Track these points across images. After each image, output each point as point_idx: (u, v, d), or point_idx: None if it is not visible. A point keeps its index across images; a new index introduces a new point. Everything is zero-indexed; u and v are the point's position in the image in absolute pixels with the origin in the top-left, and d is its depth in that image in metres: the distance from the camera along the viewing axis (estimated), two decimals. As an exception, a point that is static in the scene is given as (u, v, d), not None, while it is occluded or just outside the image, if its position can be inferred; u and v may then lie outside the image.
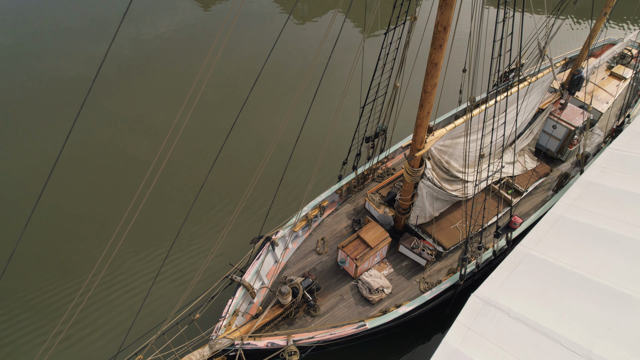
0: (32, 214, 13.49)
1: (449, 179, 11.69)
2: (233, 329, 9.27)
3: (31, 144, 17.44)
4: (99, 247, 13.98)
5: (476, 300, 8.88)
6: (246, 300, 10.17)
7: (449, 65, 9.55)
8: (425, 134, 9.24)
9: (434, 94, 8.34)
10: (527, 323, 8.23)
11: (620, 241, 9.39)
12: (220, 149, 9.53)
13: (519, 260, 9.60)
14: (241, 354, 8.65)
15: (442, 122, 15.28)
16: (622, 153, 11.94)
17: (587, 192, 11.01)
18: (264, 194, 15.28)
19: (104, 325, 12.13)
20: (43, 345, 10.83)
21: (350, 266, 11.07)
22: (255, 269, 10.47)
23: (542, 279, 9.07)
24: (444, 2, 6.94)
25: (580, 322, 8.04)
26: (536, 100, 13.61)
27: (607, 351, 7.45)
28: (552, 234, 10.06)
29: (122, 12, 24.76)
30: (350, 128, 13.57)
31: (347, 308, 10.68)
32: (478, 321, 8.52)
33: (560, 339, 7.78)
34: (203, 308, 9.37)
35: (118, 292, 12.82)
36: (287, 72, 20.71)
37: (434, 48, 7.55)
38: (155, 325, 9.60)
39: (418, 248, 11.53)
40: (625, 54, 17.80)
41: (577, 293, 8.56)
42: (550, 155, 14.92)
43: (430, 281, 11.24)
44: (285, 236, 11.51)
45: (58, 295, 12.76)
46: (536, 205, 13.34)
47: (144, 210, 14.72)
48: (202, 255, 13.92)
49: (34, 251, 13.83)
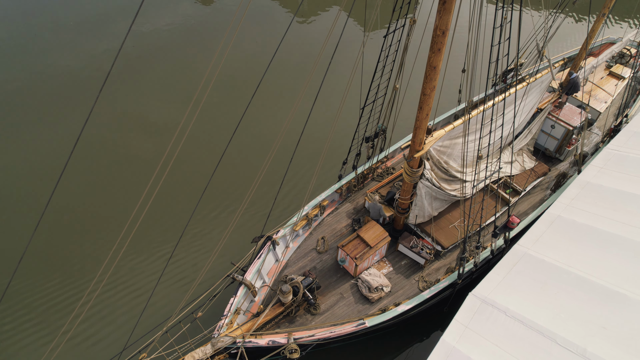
0: (42, 216, 13.65)
1: (447, 178, 11.82)
2: (235, 327, 9.43)
3: (31, 141, 17.55)
4: (103, 246, 14.14)
5: (474, 299, 9.04)
6: (247, 298, 10.33)
7: (448, 65, 9.62)
8: (424, 135, 9.36)
9: (432, 96, 8.46)
10: (523, 322, 8.39)
11: (616, 241, 9.54)
12: (225, 150, 9.65)
13: (516, 259, 9.75)
14: (243, 351, 8.81)
15: (442, 121, 15.39)
16: (620, 153, 12.06)
17: (584, 192, 11.15)
18: (267, 194, 15.40)
19: (109, 324, 12.30)
20: (51, 344, 11.00)
21: (350, 265, 11.23)
22: (256, 267, 10.63)
23: (538, 279, 9.22)
24: (442, 7, 7.05)
25: (575, 320, 8.20)
26: (535, 101, 13.71)
27: (601, 349, 7.61)
28: (549, 233, 10.20)
29: (122, 7, 24.81)
30: (351, 127, 13.68)
31: (347, 306, 10.84)
32: (475, 320, 8.67)
33: (556, 338, 7.94)
34: (205, 306, 9.54)
35: (123, 292, 12.98)
36: (287, 71, 20.78)
37: (432, 52, 7.65)
38: (158, 323, 9.75)
39: (417, 247, 11.68)
40: (624, 53, 17.87)
41: (572, 292, 8.71)
42: (549, 155, 15.04)
43: (429, 280, 11.40)
44: (286, 235, 11.66)
45: (63, 296, 12.93)
46: (534, 204, 13.48)
47: (148, 209, 14.93)
48: (203, 254, 14.08)
49: (38, 250, 13.99)
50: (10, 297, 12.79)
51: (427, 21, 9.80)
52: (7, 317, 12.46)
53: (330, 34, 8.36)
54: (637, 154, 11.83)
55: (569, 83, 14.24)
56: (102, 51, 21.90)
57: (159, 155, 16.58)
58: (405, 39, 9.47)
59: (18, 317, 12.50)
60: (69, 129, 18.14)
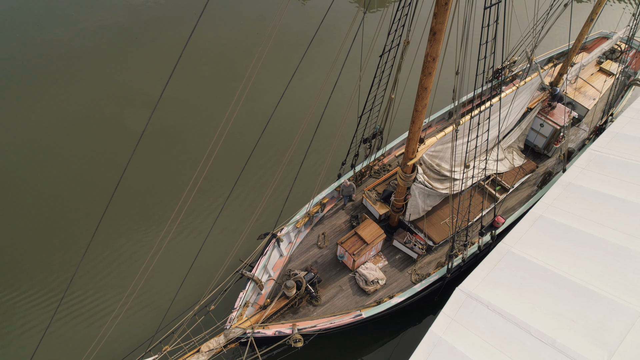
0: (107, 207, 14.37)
1: (439, 178, 12.64)
2: (244, 319, 10.45)
3: (20, 115, 18.25)
4: (138, 249, 14.90)
5: (460, 293, 10.03)
6: (255, 291, 11.33)
7: (443, 66, 9.97)
8: (417, 145, 10.13)
9: (424, 112, 9.18)
10: (503, 315, 9.39)
11: (590, 240, 10.45)
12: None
13: (499, 257, 10.69)
14: (252, 341, 9.85)
15: (437, 118, 16.11)
16: (601, 154, 12.86)
17: (565, 192, 12.01)
18: (273, 194, 15.99)
19: (140, 319, 13.30)
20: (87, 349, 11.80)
21: (349, 260, 12.18)
22: (262, 263, 11.58)
23: (519, 275, 10.18)
24: (433, 37, 7.70)
25: (549, 314, 9.21)
26: (525, 101, 14.39)
27: (569, 340, 8.64)
28: (531, 232, 11.11)
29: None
30: (351, 126, 14.27)
31: (346, 298, 11.86)
32: (461, 313, 9.68)
33: (530, 330, 8.96)
34: (217, 300, 10.53)
35: (151, 291, 13.89)
36: (290, 59, 21.10)
37: (424, 75, 8.34)
38: (175, 317, 10.76)
39: (410, 242, 12.61)
40: (614, 49, 18.38)
41: (547, 288, 9.69)
42: (538, 151, 15.82)
43: (421, 273, 12.39)
44: (289, 232, 12.58)
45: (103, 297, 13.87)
46: (521, 200, 14.35)
47: (152, 208, 15.79)
48: (212, 250, 14.82)
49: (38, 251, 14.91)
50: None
51: (426, 22, 10.06)
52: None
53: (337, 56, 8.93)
54: (618, 156, 12.63)
55: (554, 98, 15.05)
56: (92, 24, 22.18)
57: (210, 150, 15.98)
58: (400, 58, 10.10)
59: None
60: (59, 103, 18.75)
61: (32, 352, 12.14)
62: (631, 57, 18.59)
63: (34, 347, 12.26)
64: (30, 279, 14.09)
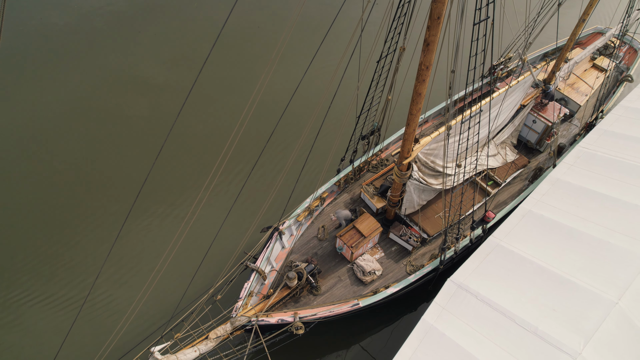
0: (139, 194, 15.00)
1: (434, 174, 13.24)
2: (249, 308, 11.17)
3: (18, 99, 18.61)
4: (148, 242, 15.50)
5: (451, 284, 10.71)
6: (259, 282, 12.03)
7: (439, 63, 10.39)
8: (412, 145, 10.69)
9: (418, 115, 9.72)
10: (490, 304, 10.08)
11: (574, 235, 11.10)
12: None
13: (489, 250, 11.35)
14: (257, 328, 10.57)
15: (433, 114, 16.62)
16: (589, 151, 13.43)
17: (554, 188, 12.61)
18: (276, 190, 16.53)
19: (155, 305, 13.97)
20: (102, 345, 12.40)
21: (347, 252, 12.86)
22: (265, 255, 12.25)
23: (507, 267, 10.85)
24: (426, 47, 8.20)
25: (532, 303, 9.90)
26: (518, 99, 14.89)
27: (550, 328, 9.34)
28: (520, 227, 11.75)
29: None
30: (351, 125, 14.78)
31: (344, 288, 12.57)
32: (451, 302, 10.37)
33: (515, 318, 9.66)
34: (223, 290, 11.22)
35: (164, 285, 14.36)
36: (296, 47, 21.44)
37: (418, 82, 8.86)
38: (185, 307, 11.45)
39: (405, 235, 13.27)
40: (608, 45, 18.77)
41: (532, 279, 10.36)
42: (530, 147, 16.37)
43: (415, 264, 13.08)
44: (291, 225, 13.23)
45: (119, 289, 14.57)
46: (513, 194, 14.98)
47: (160, 200, 16.36)
48: (218, 245, 15.28)
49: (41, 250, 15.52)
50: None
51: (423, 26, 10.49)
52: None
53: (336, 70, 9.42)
54: (605, 153, 13.20)
55: (546, 96, 15.51)
56: (92, 6, 22.40)
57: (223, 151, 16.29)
58: (396, 63, 10.58)
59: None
60: (57, 88, 19.10)
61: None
62: (624, 53, 18.99)
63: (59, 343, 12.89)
64: (54, 277, 14.80)
